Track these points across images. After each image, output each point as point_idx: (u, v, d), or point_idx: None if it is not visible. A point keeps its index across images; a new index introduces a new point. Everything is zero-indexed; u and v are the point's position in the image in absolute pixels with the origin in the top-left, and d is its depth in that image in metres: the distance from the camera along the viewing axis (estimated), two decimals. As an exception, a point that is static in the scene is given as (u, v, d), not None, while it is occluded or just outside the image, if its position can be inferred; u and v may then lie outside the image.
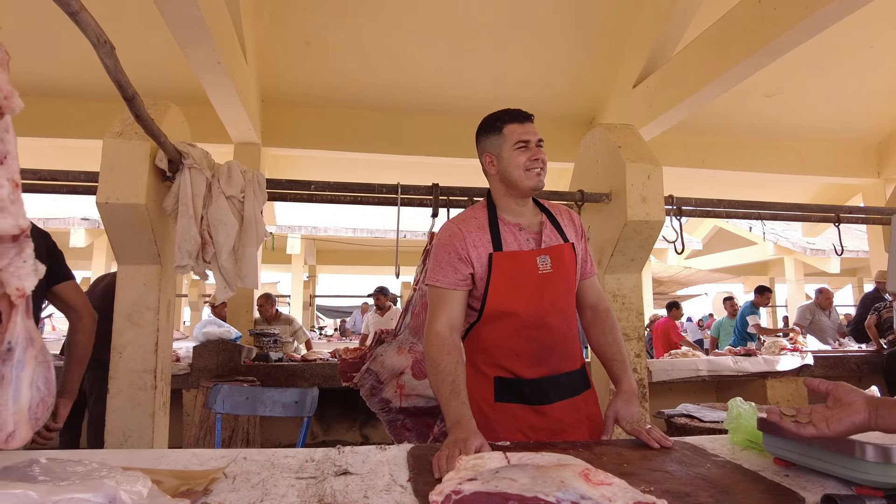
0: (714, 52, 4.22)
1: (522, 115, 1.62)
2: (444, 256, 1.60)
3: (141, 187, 2.45)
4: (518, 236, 1.62)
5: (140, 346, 2.61)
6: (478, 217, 1.66)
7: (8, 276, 0.57)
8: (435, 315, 1.56)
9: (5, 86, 0.48)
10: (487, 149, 1.65)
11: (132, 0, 4.22)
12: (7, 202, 0.55)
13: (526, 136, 1.58)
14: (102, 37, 1.64)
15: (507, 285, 1.55)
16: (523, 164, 1.57)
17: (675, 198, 3.30)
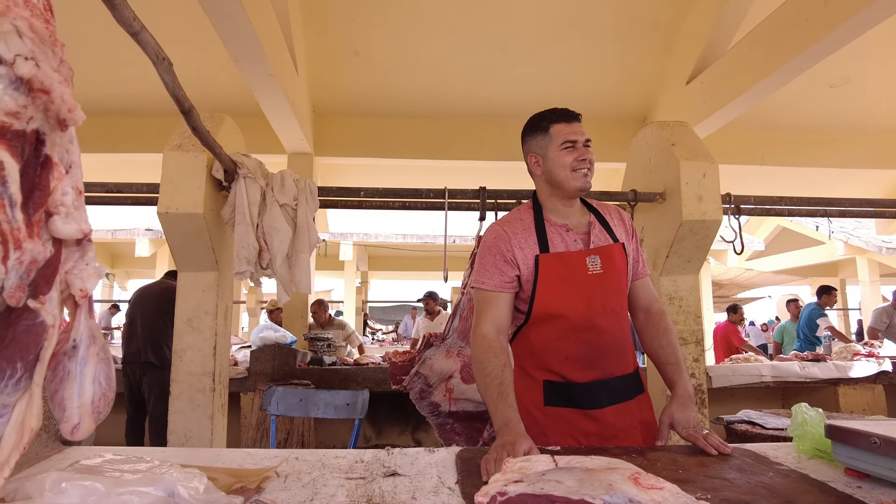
0: (773, 43, 4.03)
1: (570, 115, 1.59)
2: (490, 259, 1.59)
3: (199, 197, 2.56)
4: (565, 237, 1.59)
5: (199, 349, 2.71)
6: (523, 218, 1.64)
7: (73, 277, 0.60)
8: (481, 318, 1.55)
9: (69, 99, 0.51)
10: (533, 149, 1.63)
11: (189, 18, 4.40)
12: (72, 209, 0.58)
13: (573, 136, 1.55)
14: (161, 54, 1.72)
15: (555, 287, 1.52)
16: (570, 164, 1.54)
17: (732, 196, 3.17)
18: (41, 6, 0.54)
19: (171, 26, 4.68)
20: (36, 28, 0.48)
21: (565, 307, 1.52)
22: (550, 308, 1.53)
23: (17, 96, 0.46)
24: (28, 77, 0.46)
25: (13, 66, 0.44)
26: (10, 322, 0.57)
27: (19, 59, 0.44)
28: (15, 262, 0.48)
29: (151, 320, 4.01)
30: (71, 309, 0.60)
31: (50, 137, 0.55)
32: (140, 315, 4.08)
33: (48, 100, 0.50)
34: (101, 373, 0.61)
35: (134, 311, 4.15)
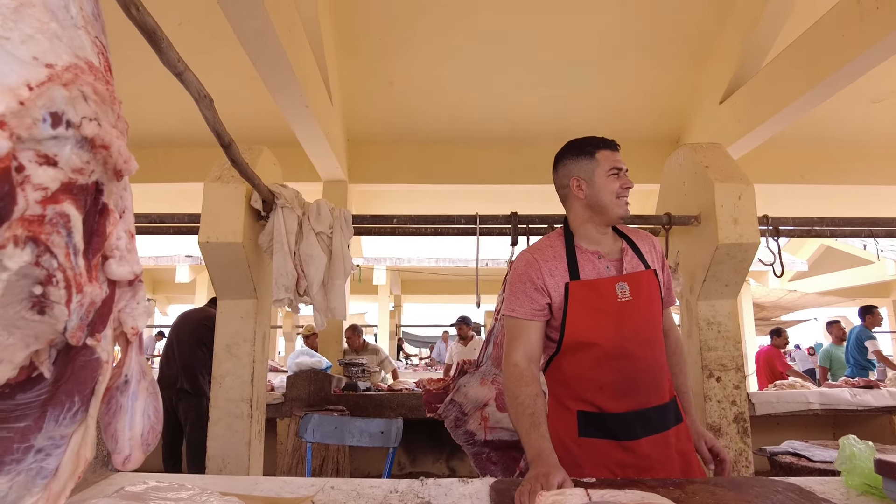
0: (808, 60, 3.97)
1: (614, 144, 1.63)
2: (520, 287, 1.59)
3: (238, 226, 2.65)
4: (597, 264, 1.59)
5: (237, 376, 2.77)
6: (554, 245, 1.64)
7: (125, 316, 0.63)
8: (512, 346, 1.56)
9: (125, 152, 0.55)
10: (576, 172, 1.63)
11: (228, 52, 4.60)
12: (125, 251, 0.62)
13: (619, 164, 1.59)
14: (203, 92, 1.80)
15: (586, 315, 1.52)
16: (616, 190, 1.57)
17: (770, 217, 3.10)
18: (103, 67, 0.59)
19: (210, 60, 4.90)
20: (98, 91, 0.52)
21: (596, 335, 1.51)
22: (581, 336, 1.52)
23: (81, 154, 0.50)
24: (91, 136, 0.50)
25: (80, 128, 0.48)
26: (70, 358, 0.60)
27: (85, 121, 0.48)
28: (77, 305, 0.51)
29: (188, 348, 4.12)
30: (123, 345, 0.64)
31: (108, 187, 0.59)
32: (178, 341, 4.20)
33: (107, 154, 0.54)
34: (151, 406, 0.64)
35: (172, 337, 4.28)
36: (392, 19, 4.87)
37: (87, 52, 0.55)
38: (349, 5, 4.72)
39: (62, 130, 0.46)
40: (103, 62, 0.60)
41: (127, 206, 0.66)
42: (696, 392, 2.95)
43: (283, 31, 3.25)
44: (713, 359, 2.92)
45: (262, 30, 3.07)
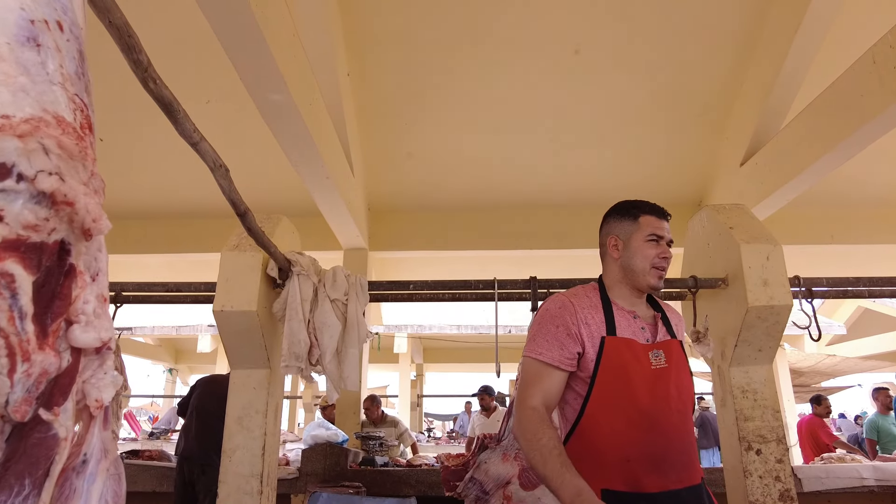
0: (828, 121, 3.94)
1: (662, 212, 1.58)
2: (552, 329, 1.49)
3: (253, 295, 2.62)
4: (633, 324, 1.51)
5: (248, 449, 2.67)
6: (590, 296, 1.57)
7: (89, 387, 0.58)
8: (530, 390, 1.44)
9: (94, 209, 0.51)
10: (615, 231, 1.60)
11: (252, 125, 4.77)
12: (93, 317, 0.57)
13: (660, 232, 1.54)
14: (218, 161, 1.83)
15: (619, 373, 1.42)
16: (651, 258, 1.52)
17: (801, 278, 2.98)
18: (79, 124, 0.56)
19: (237, 135, 5.09)
20: (65, 145, 0.49)
21: (627, 396, 1.41)
22: (612, 395, 1.41)
23: (37, 210, 0.46)
24: (50, 191, 0.47)
25: (34, 181, 0.45)
26: (23, 434, 0.55)
27: (41, 175, 0.45)
28: (22, 376, 0.47)
29: (215, 418, 3.99)
30: (85, 420, 0.58)
31: (76, 247, 0.55)
32: (202, 410, 4.07)
33: (72, 211, 0.51)
34: (109, 490, 0.58)
35: (195, 404, 4.16)
36: (410, 92, 5.04)
37: (61, 107, 0.53)
38: (368, 79, 4.90)
39: (11, 183, 0.43)
40: (81, 119, 0.58)
41: (101, 268, 0.62)
42: (735, 467, 2.74)
43: (303, 106, 3.37)
44: (751, 430, 2.72)
45: (283, 104, 3.18)
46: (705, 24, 4.50)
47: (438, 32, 4.61)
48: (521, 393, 1.46)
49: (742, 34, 4.57)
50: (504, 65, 4.77)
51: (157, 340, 12.43)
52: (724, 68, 4.79)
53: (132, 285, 2.96)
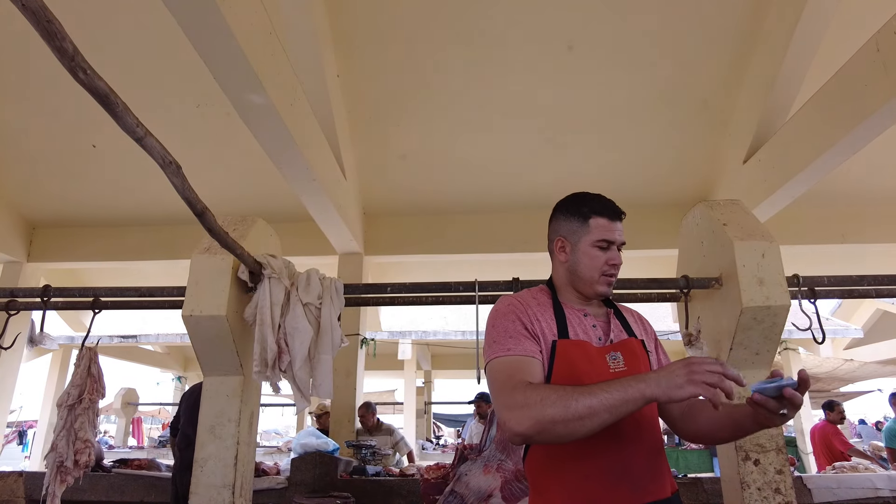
0: (832, 113, 3.77)
1: (615, 211, 1.42)
2: (510, 326, 1.32)
3: (223, 299, 2.53)
4: (584, 322, 1.38)
5: (220, 459, 2.57)
6: (537, 297, 1.44)
7: None
8: (515, 378, 1.22)
9: None
10: (562, 231, 1.46)
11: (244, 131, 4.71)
12: None
13: (611, 236, 1.39)
14: (167, 157, 1.73)
15: (573, 380, 1.26)
16: (600, 266, 1.38)
17: (801, 277, 2.82)
18: None
19: (228, 139, 5.02)
20: None
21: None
22: None
23: None
24: None
25: None
26: None
27: None
28: None
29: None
30: None
31: None
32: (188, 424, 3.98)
33: None
34: None
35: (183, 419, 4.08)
36: (401, 93, 4.95)
37: None
38: (358, 80, 4.82)
39: None
40: None
41: None
42: (732, 478, 2.59)
43: (283, 106, 3.28)
44: (748, 438, 2.56)
45: (260, 104, 3.10)
46: (704, 16, 4.35)
47: (428, 31, 4.51)
48: (507, 386, 1.22)
49: (742, 26, 4.41)
50: (496, 63, 4.66)
51: (165, 348, 12.45)
52: (725, 62, 4.63)
53: (105, 290, 2.88)
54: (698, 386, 1.03)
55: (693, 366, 1.05)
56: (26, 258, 6.02)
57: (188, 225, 6.04)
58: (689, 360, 1.07)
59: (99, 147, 5.30)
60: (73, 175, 5.64)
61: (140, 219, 6.11)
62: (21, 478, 4.31)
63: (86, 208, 6.01)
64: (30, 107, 5.01)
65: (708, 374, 1.03)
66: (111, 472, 4.32)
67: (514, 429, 1.15)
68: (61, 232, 6.15)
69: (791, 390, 1.08)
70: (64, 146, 5.36)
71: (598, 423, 1.09)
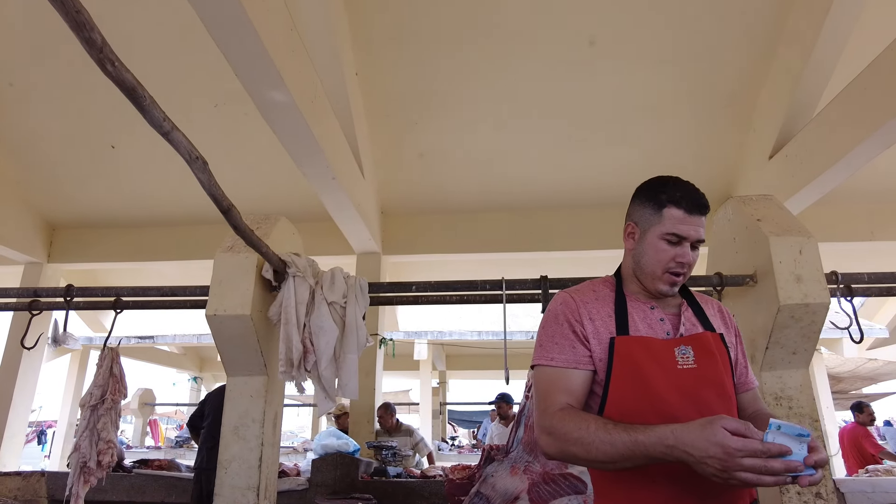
0: (863, 107, 3.66)
1: (695, 204, 1.29)
2: (559, 330, 1.28)
3: (247, 298, 2.50)
4: (648, 315, 1.30)
5: (244, 461, 2.54)
6: (597, 289, 1.36)
7: None
8: (550, 398, 1.22)
9: None
10: (634, 216, 1.37)
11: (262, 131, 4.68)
12: None
13: (684, 231, 1.27)
14: (194, 153, 1.70)
15: (636, 379, 1.20)
16: (665, 263, 1.28)
17: (840, 274, 2.73)
18: None
19: (246, 138, 5.01)
20: None
21: (649, 405, 1.18)
22: (629, 410, 1.19)
23: None
24: None
25: None
26: None
27: None
28: None
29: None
30: None
31: None
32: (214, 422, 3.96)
33: None
34: None
35: (209, 418, 4.07)
36: (420, 90, 4.90)
37: None
38: (377, 78, 4.78)
39: None
40: None
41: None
42: (770, 482, 2.50)
43: (304, 103, 3.25)
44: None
45: (282, 101, 3.06)
46: (729, 9, 4.26)
47: (446, 28, 4.46)
48: (542, 404, 1.23)
49: (769, 18, 4.31)
50: (516, 59, 4.60)
51: (181, 349, 12.51)
52: (750, 55, 4.53)
53: (128, 289, 2.86)
54: (730, 482, 0.95)
55: (728, 464, 0.94)
56: (46, 259, 6.06)
57: (205, 225, 6.04)
58: (724, 446, 0.94)
59: (117, 148, 5.31)
60: (92, 176, 5.67)
61: (158, 219, 6.12)
62: (43, 477, 4.33)
63: (105, 209, 6.03)
64: (50, 109, 5.04)
65: (745, 475, 0.93)
66: (132, 472, 4.31)
67: (544, 450, 1.21)
68: (80, 233, 6.18)
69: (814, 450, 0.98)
70: (83, 148, 5.38)
71: (620, 467, 1.09)
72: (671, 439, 1.01)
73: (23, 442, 5.94)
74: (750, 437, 0.95)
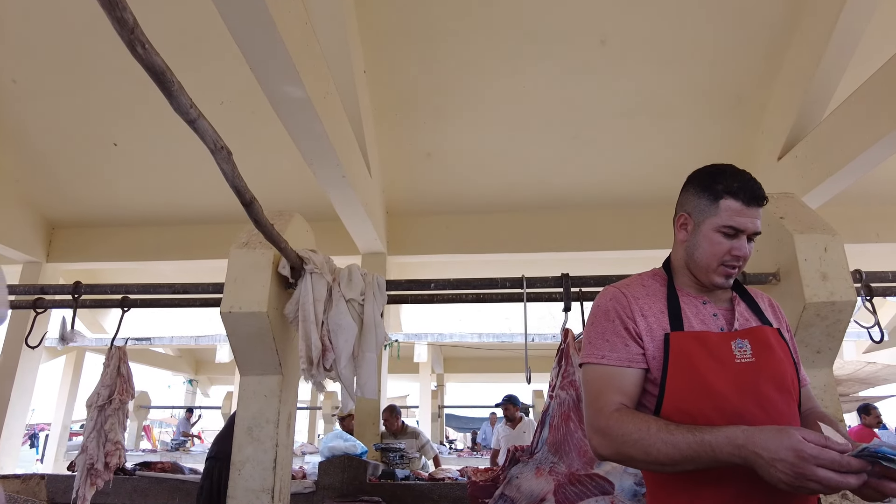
0: (874, 109, 3.65)
1: (753, 196, 1.23)
2: (609, 326, 1.24)
3: (263, 295, 2.44)
4: (701, 311, 1.26)
5: (259, 462, 2.47)
6: (646, 284, 1.31)
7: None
8: (603, 398, 1.18)
9: None
10: (687, 207, 1.31)
11: (266, 130, 4.64)
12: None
13: (741, 224, 1.22)
14: (219, 142, 1.65)
15: (694, 375, 1.15)
16: (721, 256, 1.23)
17: (864, 273, 2.70)
18: None
19: (250, 138, 4.95)
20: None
21: (708, 402, 1.14)
22: (687, 407, 1.15)
23: None
24: None
25: None
26: None
27: None
28: None
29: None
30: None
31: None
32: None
33: None
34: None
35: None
36: (427, 89, 4.87)
37: None
38: (384, 77, 4.74)
39: None
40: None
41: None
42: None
43: (317, 99, 3.20)
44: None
45: (296, 97, 3.02)
46: (738, 9, 4.25)
47: (455, 27, 4.43)
48: (596, 404, 1.18)
49: (780, 17, 4.31)
50: (525, 59, 4.57)
51: (177, 351, 12.38)
52: (761, 55, 4.52)
53: (137, 287, 2.80)
54: (798, 489, 0.91)
55: (801, 469, 0.89)
56: (46, 258, 5.97)
57: (206, 225, 5.98)
58: (798, 451, 0.90)
59: (119, 147, 5.24)
60: (92, 176, 5.59)
61: (158, 219, 6.05)
62: (43, 480, 4.24)
63: (105, 208, 5.95)
64: (50, 107, 4.96)
65: (814, 485, 0.89)
66: (135, 474, 4.23)
67: (596, 450, 1.17)
68: (80, 232, 6.10)
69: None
70: (83, 147, 5.31)
71: (679, 470, 1.06)
72: (741, 438, 0.97)
73: (20, 444, 5.84)
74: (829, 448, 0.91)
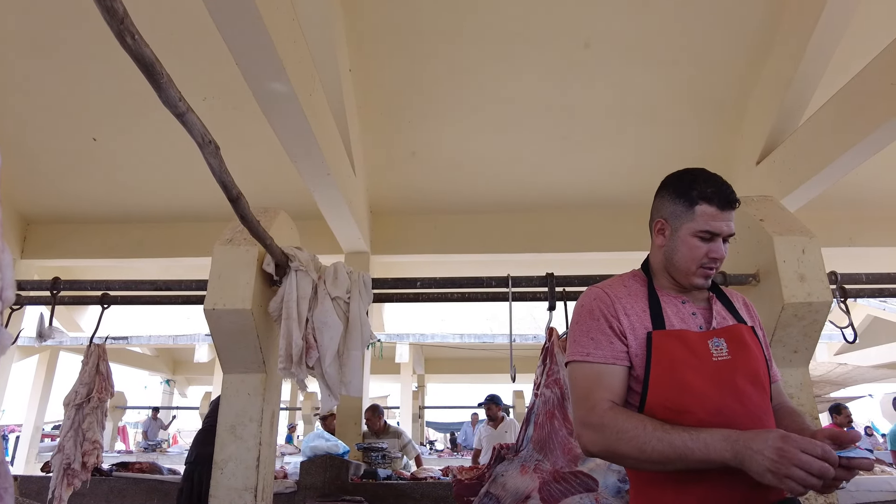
0: (849, 116, 3.75)
1: (727, 200, 1.27)
2: (594, 324, 1.27)
3: (247, 292, 2.42)
4: (681, 310, 1.30)
5: (241, 461, 2.45)
6: (627, 284, 1.35)
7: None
8: (592, 396, 1.21)
9: None
10: (664, 213, 1.34)
11: (249, 127, 4.60)
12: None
13: (717, 227, 1.26)
14: (207, 136, 1.64)
15: (675, 374, 1.19)
16: (699, 258, 1.27)
17: (839, 274, 2.78)
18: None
19: (233, 134, 4.90)
20: None
21: (690, 399, 1.18)
22: (671, 401, 1.18)
23: None
24: None
25: None
26: None
27: None
28: None
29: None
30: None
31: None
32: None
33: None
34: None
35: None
36: (413, 89, 4.87)
37: None
38: (370, 76, 4.73)
39: None
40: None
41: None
42: (773, 480, 2.52)
43: (303, 95, 3.18)
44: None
45: (282, 93, 2.99)
46: (721, 15, 4.33)
47: (440, 27, 4.43)
48: (587, 402, 1.22)
49: (759, 26, 4.39)
50: (511, 59, 4.59)
51: (154, 350, 12.18)
52: (741, 62, 4.61)
53: (119, 283, 2.75)
54: (781, 480, 0.96)
55: (785, 453, 0.96)
56: (20, 254, 5.83)
57: (187, 223, 5.90)
58: (784, 437, 0.98)
59: (97, 142, 5.14)
60: (69, 170, 5.47)
61: (138, 216, 5.94)
62: (16, 482, 4.14)
63: (82, 204, 5.83)
64: (26, 100, 4.85)
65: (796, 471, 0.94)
66: (111, 475, 4.16)
67: (586, 447, 1.20)
68: (57, 228, 5.96)
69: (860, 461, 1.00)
70: (60, 141, 5.20)
71: (671, 468, 1.11)
72: (735, 434, 1.04)
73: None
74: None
